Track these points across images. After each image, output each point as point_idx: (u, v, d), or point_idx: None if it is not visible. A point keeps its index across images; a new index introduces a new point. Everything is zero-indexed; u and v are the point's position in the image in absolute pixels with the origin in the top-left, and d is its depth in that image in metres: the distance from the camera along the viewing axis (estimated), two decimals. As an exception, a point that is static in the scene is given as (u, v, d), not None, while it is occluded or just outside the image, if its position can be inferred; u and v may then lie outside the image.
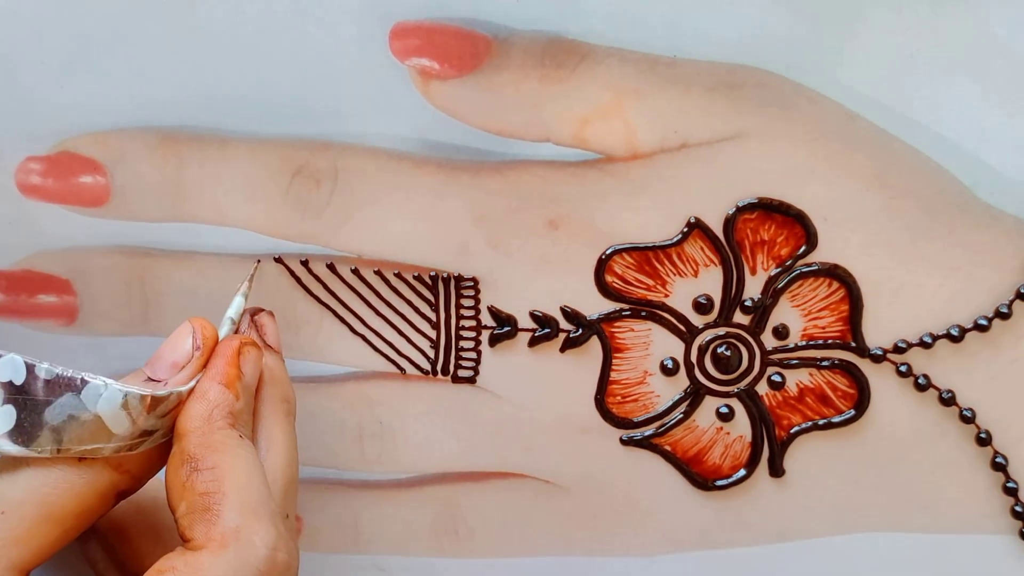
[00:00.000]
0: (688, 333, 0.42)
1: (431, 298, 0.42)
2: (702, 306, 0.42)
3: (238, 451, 0.33)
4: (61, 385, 0.33)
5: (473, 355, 0.43)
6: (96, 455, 0.33)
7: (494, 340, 0.43)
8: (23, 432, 0.32)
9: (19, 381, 0.32)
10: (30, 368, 0.33)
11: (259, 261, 0.42)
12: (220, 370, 0.35)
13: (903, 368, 0.41)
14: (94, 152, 0.42)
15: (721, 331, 0.42)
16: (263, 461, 0.35)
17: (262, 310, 0.40)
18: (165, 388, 0.34)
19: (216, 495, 0.32)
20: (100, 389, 0.33)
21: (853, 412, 0.42)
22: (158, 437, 0.34)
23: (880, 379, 0.42)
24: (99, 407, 0.33)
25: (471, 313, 0.42)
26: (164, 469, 0.34)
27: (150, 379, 0.35)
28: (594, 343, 0.42)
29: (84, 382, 0.33)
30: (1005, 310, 0.41)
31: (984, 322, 0.41)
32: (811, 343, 0.42)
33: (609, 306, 0.42)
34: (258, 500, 0.32)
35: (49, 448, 0.32)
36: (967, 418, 0.42)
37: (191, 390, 0.35)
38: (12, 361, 0.33)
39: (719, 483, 0.43)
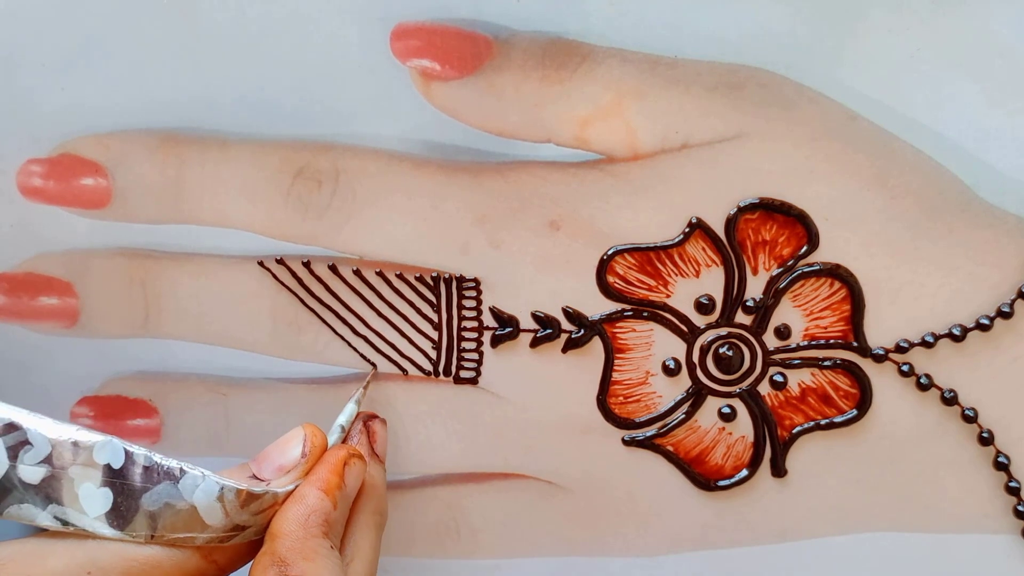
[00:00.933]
0: (690, 333, 0.42)
1: (433, 299, 0.42)
2: (704, 306, 0.42)
3: (326, 562, 0.33)
4: (159, 473, 0.33)
5: (475, 356, 0.43)
6: (188, 544, 0.33)
7: (496, 341, 0.43)
8: (119, 515, 0.33)
9: (117, 465, 0.33)
10: (128, 454, 0.33)
11: (375, 366, 0.43)
12: (322, 477, 0.36)
13: (905, 368, 0.41)
14: (95, 154, 0.42)
15: (723, 331, 0.42)
16: (346, 569, 0.35)
17: (376, 416, 0.41)
18: (261, 486, 0.35)
19: None
20: (198, 480, 0.34)
21: (855, 412, 0.42)
22: (250, 534, 0.35)
23: (882, 379, 0.42)
24: (195, 497, 0.33)
25: (473, 314, 0.42)
26: (251, 565, 0.34)
27: (255, 476, 0.36)
28: (596, 344, 0.42)
29: (183, 472, 0.33)
30: (1007, 309, 0.41)
31: (986, 321, 0.41)
32: (813, 343, 0.42)
33: (611, 306, 0.42)
34: None
35: (144, 533, 0.33)
36: (969, 418, 0.42)
37: (289, 493, 0.35)
38: (111, 445, 0.33)
39: (721, 483, 0.43)
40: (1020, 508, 0.42)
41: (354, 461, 0.37)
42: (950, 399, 0.41)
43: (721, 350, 0.42)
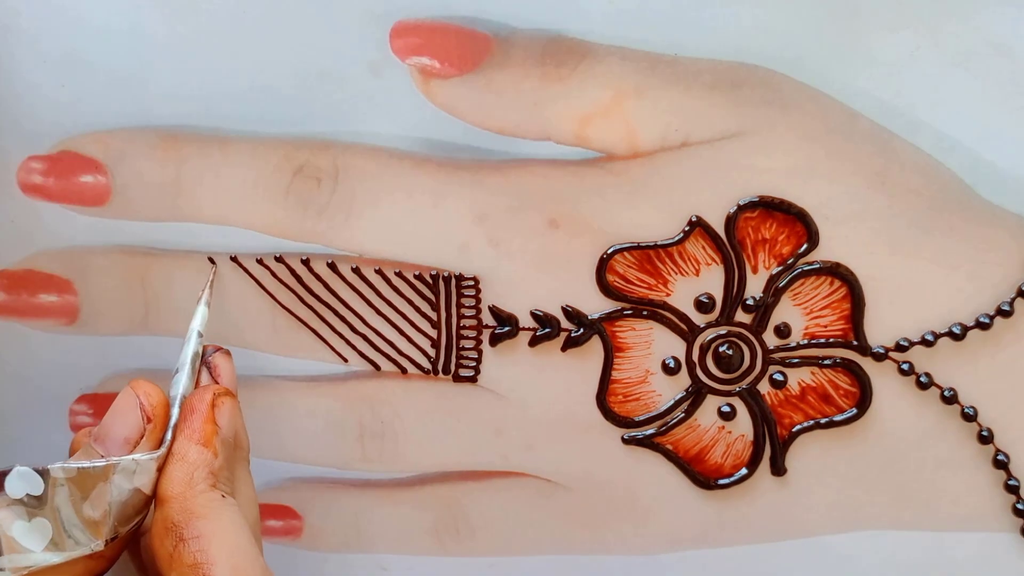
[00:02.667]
0: (690, 332, 0.42)
1: (432, 297, 0.42)
2: (704, 305, 0.42)
3: (222, 512, 0.33)
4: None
5: (474, 354, 0.43)
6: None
7: (495, 339, 0.43)
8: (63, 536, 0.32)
9: (37, 492, 0.32)
10: (46, 473, 0.32)
11: (213, 261, 0.42)
12: (197, 428, 0.34)
13: (905, 366, 0.41)
14: (95, 151, 0.42)
15: (723, 330, 0.42)
16: None
17: (218, 348, 0.39)
18: (111, 459, 0.33)
19: (205, 565, 0.31)
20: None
21: (855, 411, 0.42)
22: (130, 510, 0.34)
23: (882, 377, 0.42)
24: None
25: (472, 312, 0.42)
26: (149, 538, 0.33)
27: (103, 458, 0.34)
28: (595, 342, 0.42)
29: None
30: (1007, 308, 0.41)
31: (986, 320, 0.41)
32: (813, 342, 0.42)
33: (610, 305, 0.42)
34: (247, 563, 0.32)
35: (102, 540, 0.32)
36: (969, 416, 0.41)
37: (163, 455, 0.34)
38: (20, 474, 0.32)
39: (721, 482, 0.43)
40: (1019, 506, 0.42)
41: (222, 400, 0.35)
42: (950, 398, 0.41)
43: (721, 349, 0.42)
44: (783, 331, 0.42)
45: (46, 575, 0.32)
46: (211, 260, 0.42)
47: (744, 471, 0.43)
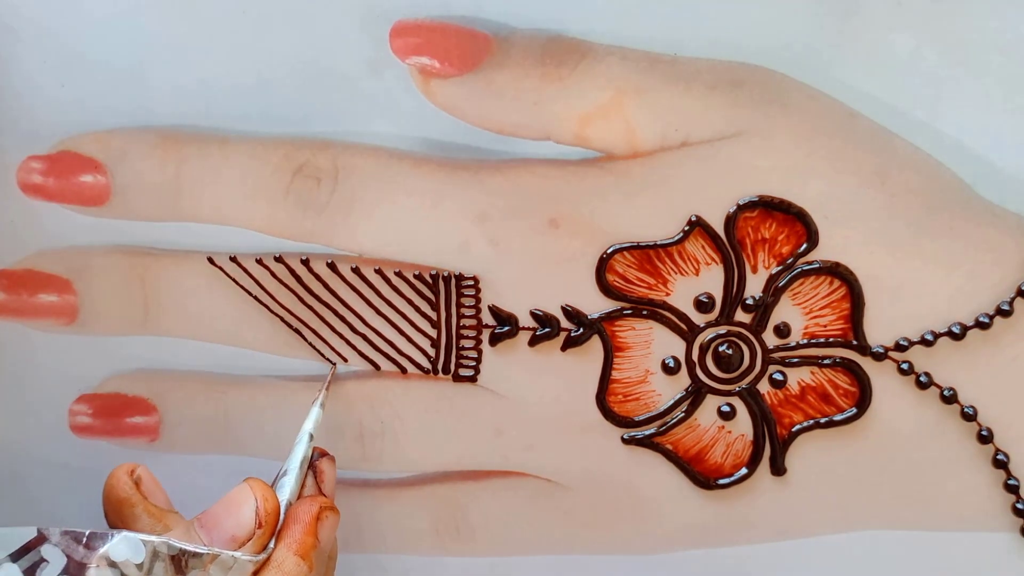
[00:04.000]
0: (689, 332, 0.42)
1: (432, 297, 0.42)
2: (703, 304, 0.42)
3: None
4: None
5: (474, 354, 0.43)
6: None
7: (495, 339, 0.43)
8: None
9: (138, 560, 0.33)
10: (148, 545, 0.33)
11: (335, 365, 0.43)
12: (297, 539, 0.35)
13: (904, 366, 0.41)
14: (95, 151, 0.42)
15: (722, 329, 0.42)
16: None
17: (324, 454, 0.40)
18: (216, 550, 0.34)
19: None
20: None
21: (855, 410, 0.42)
22: None
23: (881, 377, 0.42)
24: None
25: (472, 312, 0.42)
26: None
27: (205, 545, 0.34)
28: (595, 342, 0.42)
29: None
30: (1006, 307, 0.41)
31: (985, 320, 0.41)
32: (812, 341, 0.42)
33: (610, 305, 0.42)
34: None
35: None
36: (968, 416, 0.41)
37: (262, 561, 0.34)
38: (125, 540, 0.33)
39: (721, 482, 0.43)
40: (1019, 506, 0.42)
41: (326, 515, 0.36)
42: (949, 397, 0.41)
43: (720, 348, 0.42)
44: (783, 331, 0.42)
45: None
46: (332, 364, 0.43)
47: (744, 471, 0.43)
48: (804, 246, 0.41)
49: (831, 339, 0.42)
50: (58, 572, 0.32)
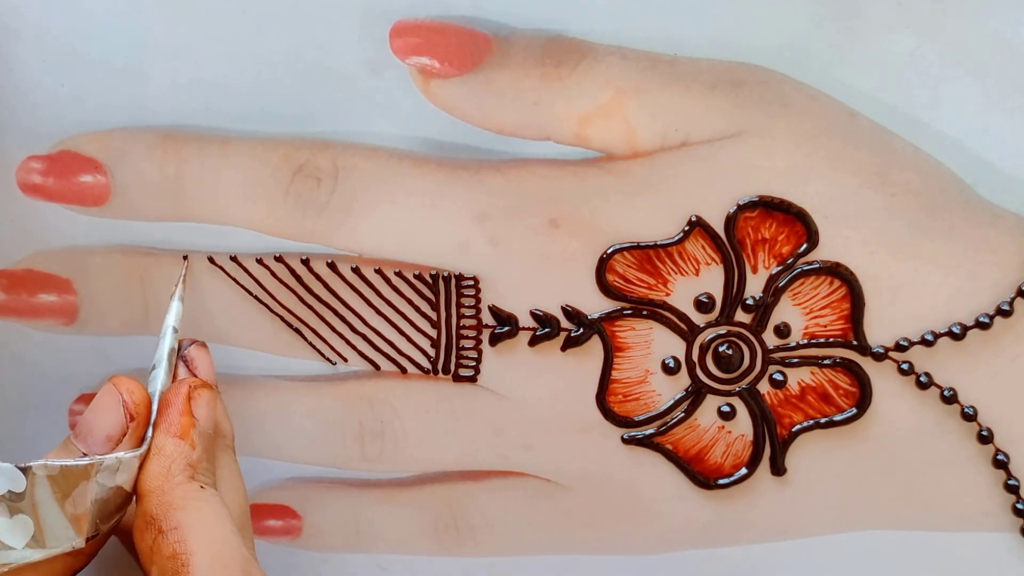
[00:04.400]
0: (689, 332, 0.42)
1: (432, 297, 0.42)
2: (703, 305, 0.42)
3: (200, 504, 0.33)
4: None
5: (474, 354, 0.43)
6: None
7: (495, 339, 0.43)
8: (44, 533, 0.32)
9: (19, 489, 0.32)
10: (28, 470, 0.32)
11: (186, 258, 0.42)
12: (174, 422, 0.35)
13: (905, 366, 0.41)
14: (95, 151, 0.42)
15: (722, 330, 0.42)
16: None
17: (194, 342, 0.39)
18: (95, 457, 0.33)
19: (183, 556, 0.31)
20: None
21: (855, 410, 0.42)
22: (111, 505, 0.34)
23: (882, 377, 0.42)
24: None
25: (472, 312, 0.42)
26: (132, 534, 0.33)
27: (85, 456, 0.34)
28: (595, 342, 0.42)
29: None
30: (1006, 308, 0.41)
31: (986, 320, 0.41)
32: (812, 341, 0.42)
33: (610, 305, 0.42)
34: (228, 553, 0.32)
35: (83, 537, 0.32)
36: (968, 416, 0.41)
37: (143, 454, 0.34)
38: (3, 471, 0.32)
39: (721, 482, 0.43)
40: (1019, 506, 0.42)
41: (198, 393, 0.36)
42: (950, 397, 0.41)
43: (721, 348, 0.42)
44: (783, 331, 0.42)
45: (26, 572, 0.32)
46: (184, 257, 0.42)
47: (744, 471, 0.43)
48: (804, 246, 0.41)
49: (831, 339, 0.42)
50: None
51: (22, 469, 0.32)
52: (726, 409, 0.43)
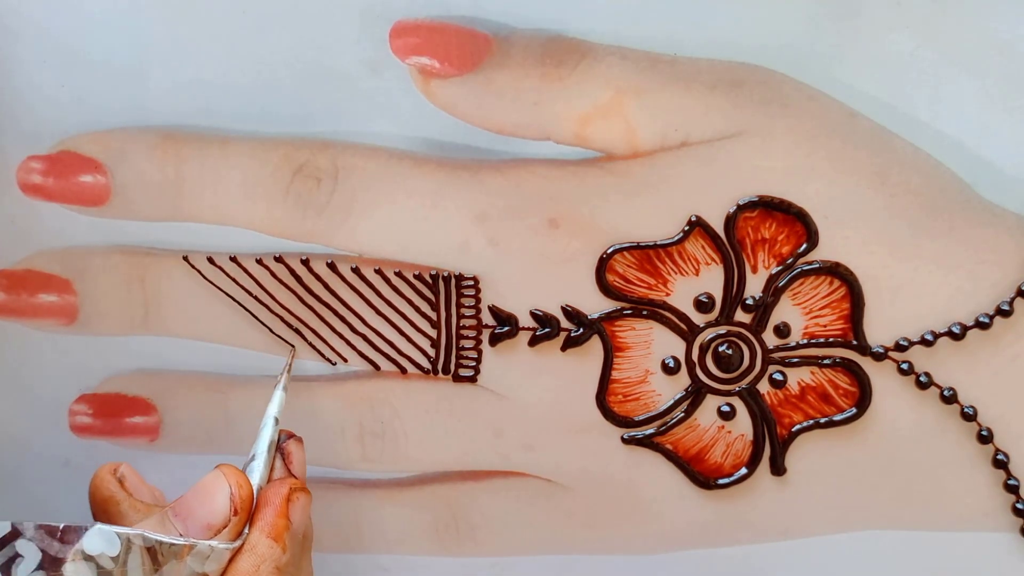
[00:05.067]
0: (689, 332, 0.42)
1: (432, 297, 0.42)
2: (703, 305, 0.42)
3: None
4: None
5: (474, 354, 0.43)
6: None
7: (495, 339, 0.43)
8: None
9: (113, 553, 0.32)
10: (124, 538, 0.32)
11: (294, 347, 0.42)
12: (269, 522, 0.35)
13: (904, 366, 0.41)
14: (95, 151, 0.42)
15: (722, 330, 0.42)
16: None
17: (291, 435, 0.39)
18: (193, 540, 0.34)
19: None
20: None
21: (855, 410, 0.42)
22: None
23: (881, 377, 0.42)
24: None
25: (472, 312, 0.42)
26: None
27: (181, 535, 0.34)
28: (595, 342, 0.42)
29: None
30: (1006, 307, 0.41)
31: (985, 320, 0.41)
32: (812, 341, 0.42)
33: (610, 305, 0.42)
34: None
35: None
36: (968, 416, 0.41)
37: (236, 548, 0.34)
38: (100, 532, 0.32)
39: (721, 482, 0.43)
40: (1019, 506, 0.42)
41: (297, 496, 0.36)
42: (949, 397, 0.41)
43: (720, 348, 0.42)
44: (783, 331, 0.42)
45: None
46: (292, 345, 0.43)
47: (744, 471, 0.43)
48: (804, 246, 0.41)
49: (831, 339, 0.42)
50: (33, 567, 0.32)
51: (119, 535, 0.32)
52: (726, 409, 0.43)
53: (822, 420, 0.42)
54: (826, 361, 0.42)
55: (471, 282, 0.42)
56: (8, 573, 0.32)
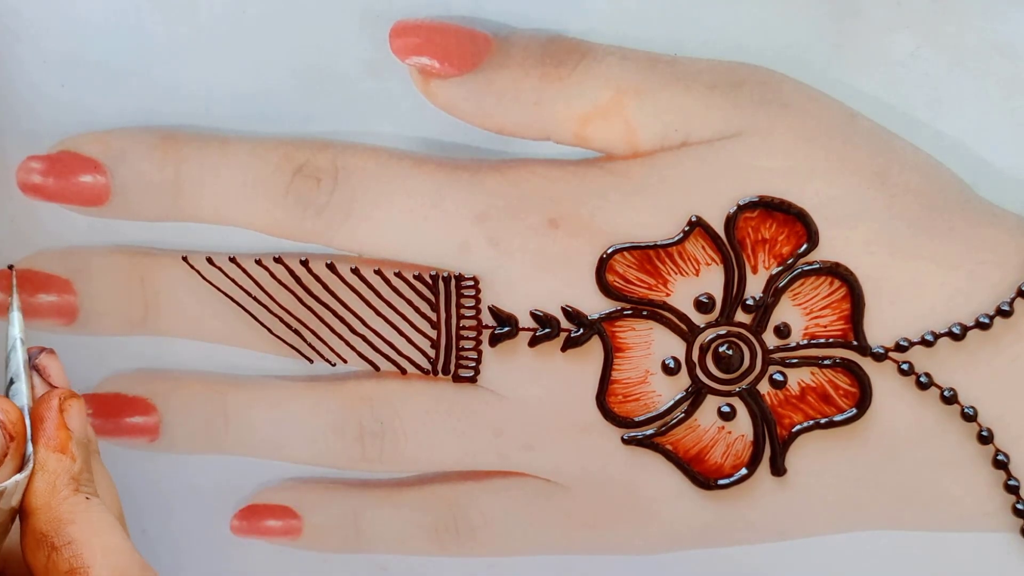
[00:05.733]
0: (689, 332, 0.42)
1: (431, 297, 0.42)
2: (703, 305, 0.42)
3: (89, 515, 0.33)
4: None
5: (474, 355, 0.43)
6: None
7: (495, 340, 0.43)
8: None
9: None
10: None
11: (12, 267, 0.42)
12: (52, 436, 0.35)
13: (905, 366, 0.41)
14: (94, 151, 0.42)
15: (722, 330, 0.42)
16: None
17: (43, 350, 0.39)
18: None
19: (81, 570, 0.31)
20: None
21: (855, 411, 0.42)
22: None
23: (882, 377, 0.42)
24: None
25: (472, 312, 0.42)
26: (22, 552, 0.33)
27: None
28: (595, 342, 0.42)
29: None
30: (1006, 308, 0.41)
31: (985, 320, 0.41)
32: (812, 342, 0.42)
33: (610, 305, 0.42)
34: (124, 560, 0.32)
35: None
36: (969, 416, 0.41)
37: (28, 476, 0.34)
38: None
39: (721, 482, 0.43)
40: (1019, 506, 0.42)
41: (69, 404, 0.36)
42: (950, 398, 0.41)
43: (721, 349, 0.42)
44: (783, 331, 0.42)
45: None
46: (10, 267, 0.42)
47: (744, 471, 0.43)
48: (804, 246, 0.41)
49: (831, 339, 0.42)
50: None
51: None
52: (726, 409, 0.43)
53: (822, 420, 0.42)
54: (826, 361, 0.42)
55: (471, 282, 0.42)
56: None
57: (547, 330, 0.42)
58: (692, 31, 0.39)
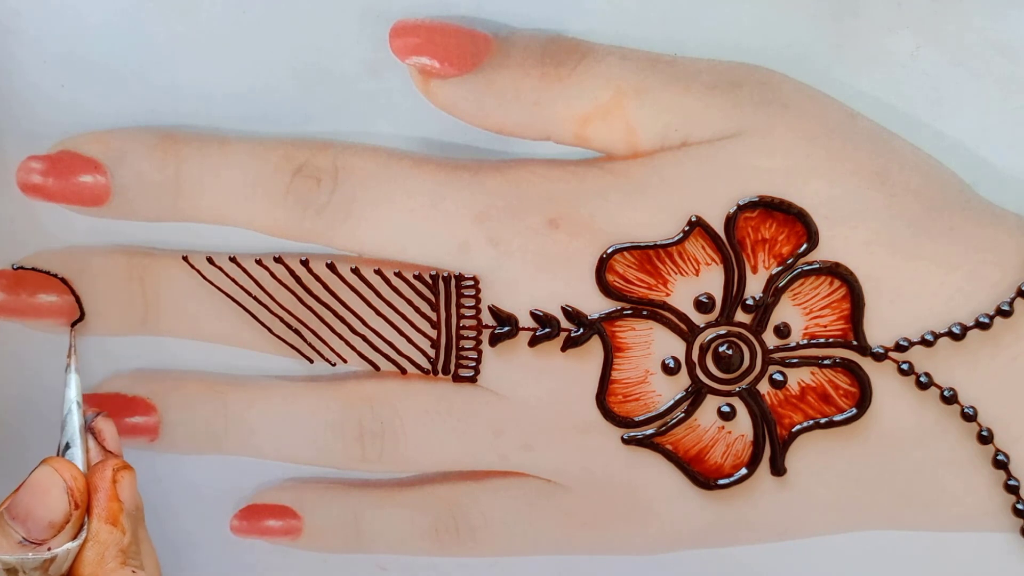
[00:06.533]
0: (689, 332, 0.42)
1: (431, 297, 0.42)
2: (703, 305, 0.42)
3: None
4: None
5: (474, 354, 0.43)
6: None
7: (495, 339, 0.43)
8: None
9: None
10: None
11: (73, 326, 0.42)
12: (104, 507, 0.35)
13: (905, 366, 0.41)
14: (94, 151, 0.42)
15: (722, 330, 0.42)
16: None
17: (98, 413, 0.39)
18: (43, 553, 0.33)
19: None
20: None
21: (855, 411, 0.42)
22: None
23: (882, 377, 0.42)
24: None
25: (472, 312, 0.42)
26: None
27: (25, 540, 0.34)
28: (595, 342, 0.42)
29: None
30: (1006, 308, 0.41)
31: (985, 320, 0.41)
32: (812, 342, 0.42)
33: (610, 305, 0.42)
34: None
35: None
36: (968, 416, 0.41)
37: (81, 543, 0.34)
38: None
39: (721, 482, 0.43)
40: (1019, 506, 0.42)
41: (122, 475, 0.36)
42: (949, 398, 0.41)
43: (721, 349, 0.42)
44: (783, 331, 0.42)
45: None
46: (72, 325, 0.42)
47: (744, 471, 0.43)
48: (804, 246, 0.41)
49: (831, 339, 0.42)
50: None
51: None
52: (726, 409, 0.43)
53: (822, 420, 0.42)
54: (826, 361, 0.42)
55: (471, 282, 0.42)
56: None
57: (547, 330, 0.42)
58: (692, 31, 0.39)
